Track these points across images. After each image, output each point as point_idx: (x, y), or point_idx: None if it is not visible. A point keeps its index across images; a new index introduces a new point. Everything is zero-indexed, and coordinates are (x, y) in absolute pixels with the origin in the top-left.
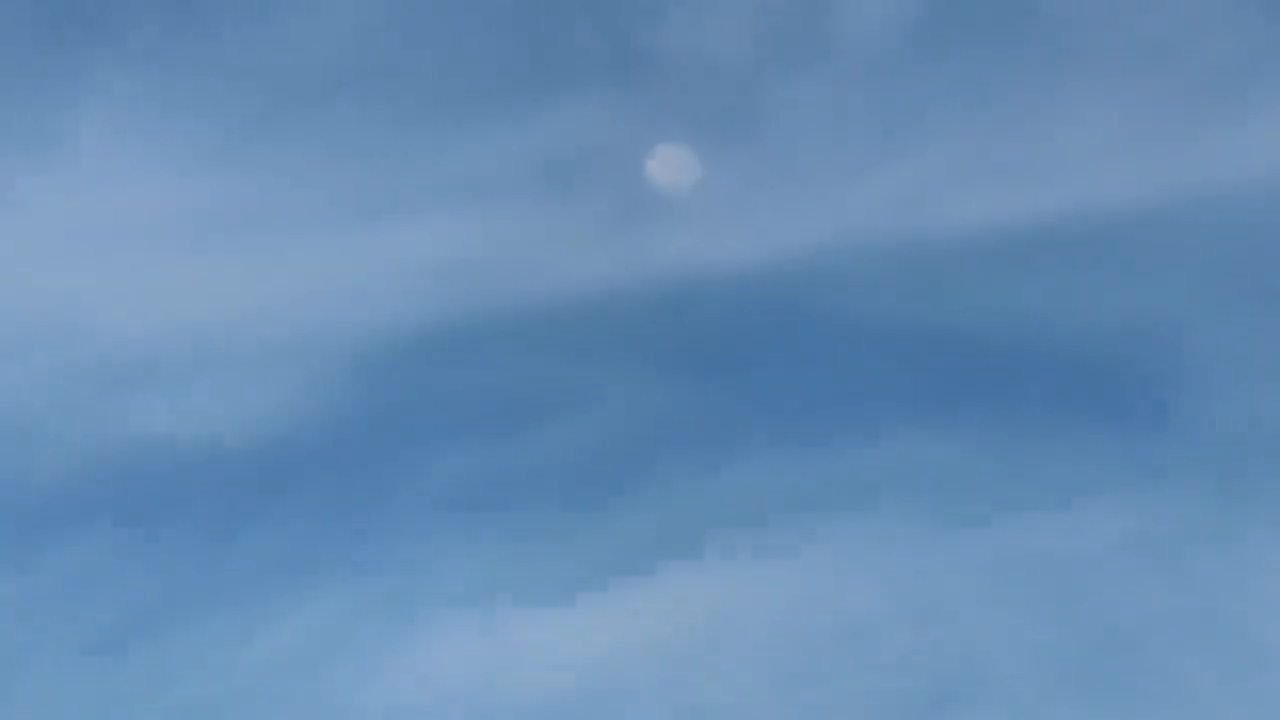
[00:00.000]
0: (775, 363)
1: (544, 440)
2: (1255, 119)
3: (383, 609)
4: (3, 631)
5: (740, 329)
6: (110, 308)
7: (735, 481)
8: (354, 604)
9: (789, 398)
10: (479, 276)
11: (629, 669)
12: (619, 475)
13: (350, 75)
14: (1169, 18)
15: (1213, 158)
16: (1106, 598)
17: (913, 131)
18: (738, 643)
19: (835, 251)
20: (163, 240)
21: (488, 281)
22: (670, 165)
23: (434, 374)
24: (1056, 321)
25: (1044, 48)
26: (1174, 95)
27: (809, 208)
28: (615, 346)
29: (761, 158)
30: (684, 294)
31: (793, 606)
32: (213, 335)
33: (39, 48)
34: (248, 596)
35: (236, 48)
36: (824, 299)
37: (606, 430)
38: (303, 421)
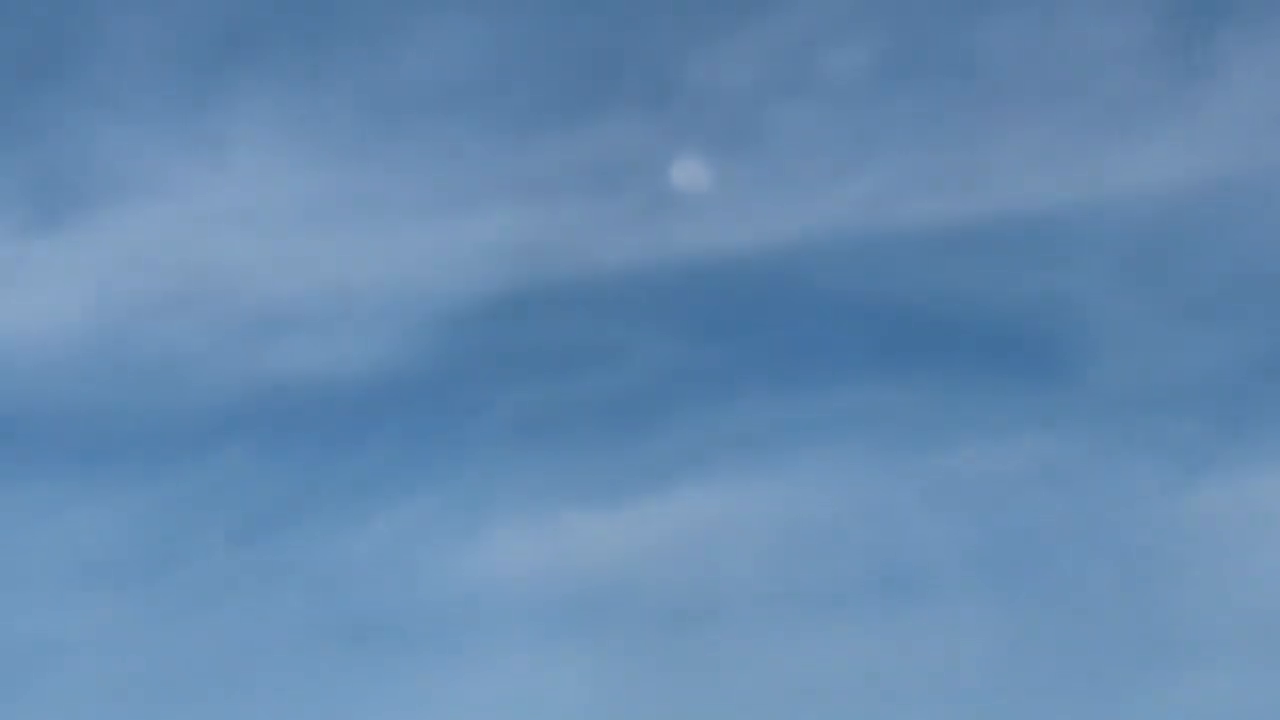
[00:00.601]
0: (768, 326)
1: (587, 382)
2: (1147, 141)
3: (464, 507)
4: (183, 519)
5: (741, 299)
6: (260, 271)
7: (736, 417)
8: (442, 503)
9: (779, 353)
10: (538, 254)
11: (659, 559)
12: (646, 411)
13: (442, 92)
14: (1080, 58)
15: (1113, 171)
16: (1018, 509)
17: (877, 148)
18: (740, 538)
19: (816, 240)
20: (300, 220)
21: (544, 258)
22: (688, 172)
23: (503, 329)
24: (987, 297)
25: (980, 82)
26: (1084, 121)
27: (796, 206)
28: (642, 311)
29: (759, 167)
30: (697, 271)
31: (780, 511)
32: (337, 294)
33: (204, 69)
34: (361, 496)
35: (358, 70)
36: (807, 277)
37: (636, 376)
38: (404, 363)
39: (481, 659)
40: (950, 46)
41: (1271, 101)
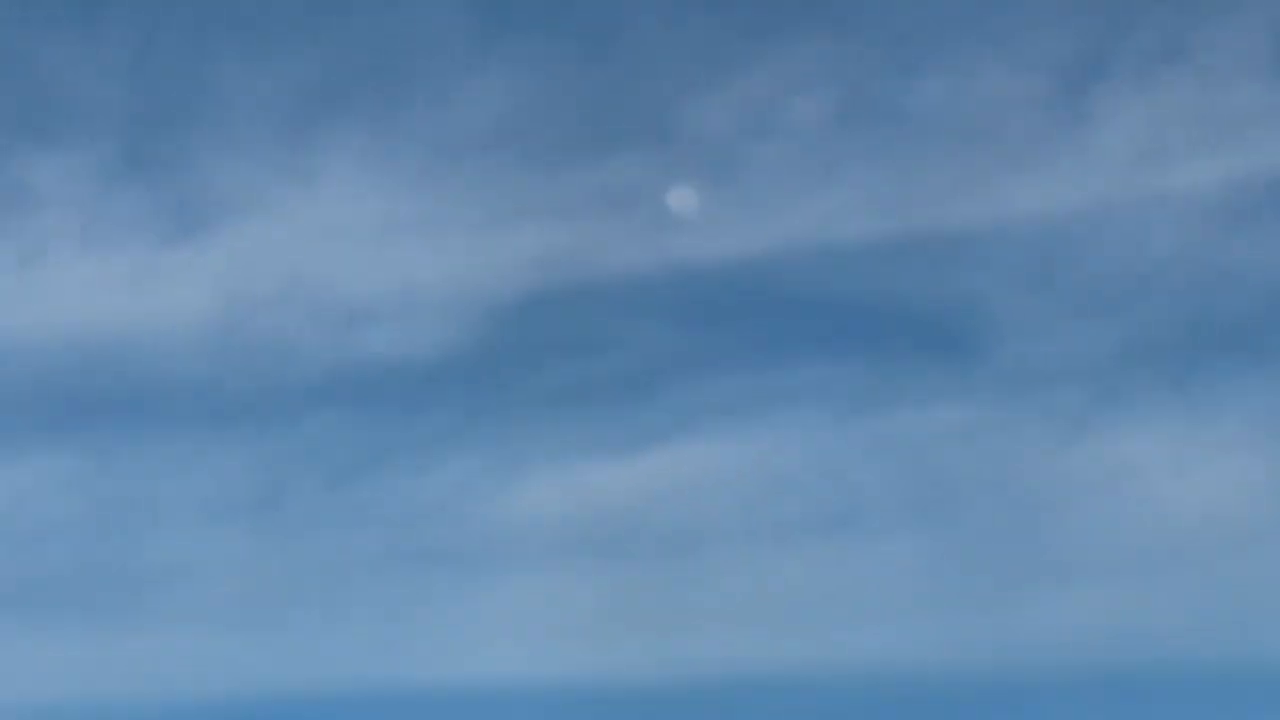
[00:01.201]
0: (744, 319)
1: (601, 363)
2: (1042, 172)
3: (505, 460)
4: (286, 468)
5: (723, 298)
6: (345, 274)
7: (718, 389)
8: (488, 456)
9: (752, 340)
10: (562, 262)
11: (658, 501)
12: (647, 384)
13: (488, 133)
14: (990, 106)
15: (1014, 197)
16: (938, 463)
17: (831, 177)
18: (721, 484)
19: (782, 251)
20: (376, 233)
21: (567, 265)
22: (681, 198)
23: (535, 320)
24: (915, 296)
25: (913, 125)
26: (993, 156)
27: (766, 224)
28: (645, 307)
29: (737, 194)
30: (688, 276)
31: (752, 463)
32: (405, 293)
33: (301, 114)
34: (425, 452)
35: (420, 115)
36: (774, 280)
37: (639, 358)
38: (457, 347)
39: (519, 578)
40: (889, 97)
41: (1138, 140)
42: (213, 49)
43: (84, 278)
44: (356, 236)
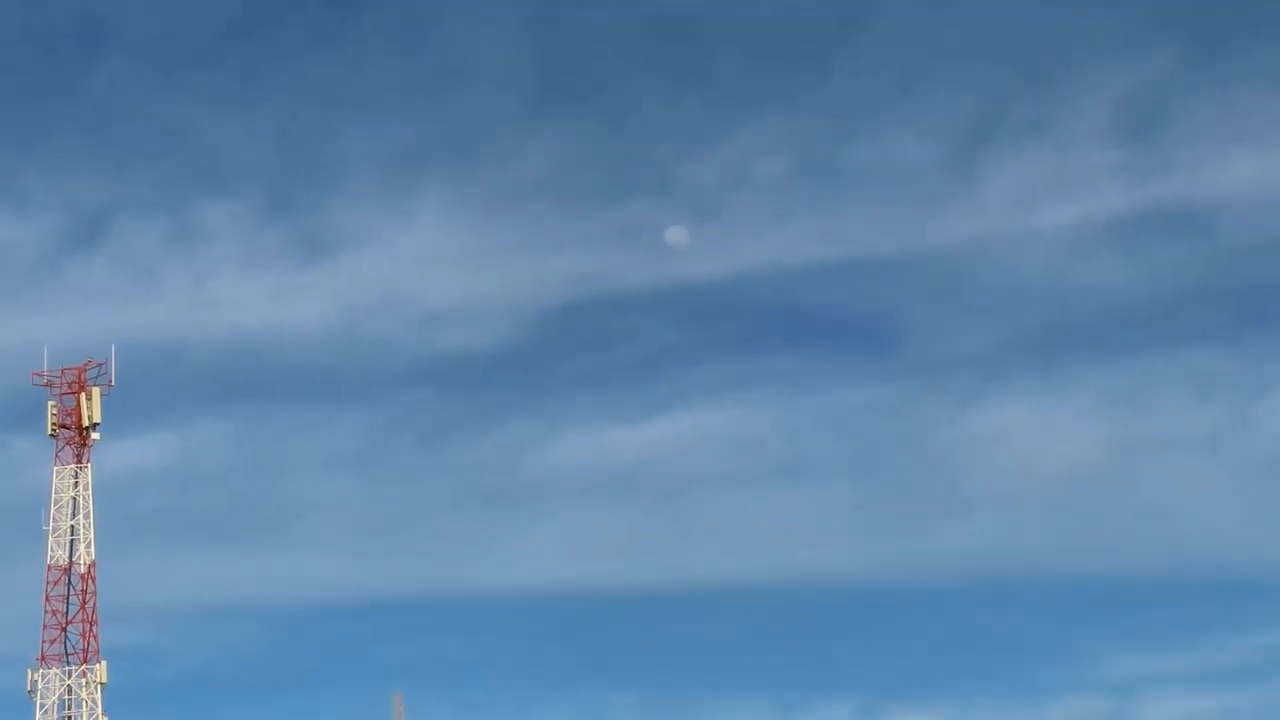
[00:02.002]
0: (722, 321)
1: (617, 355)
2: (943, 214)
3: (548, 424)
4: (388, 432)
5: (707, 307)
6: (431, 288)
7: (704, 374)
8: (535, 422)
9: (730, 337)
10: (588, 279)
11: (662, 456)
12: (652, 370)
13: (533, 183)
14: (903, 171)
15: (922, 233)
16: (864, 427)
17: (788, 219)
18: (707, 444)
19: (750, 272)
20: (453, 258)
21: (592, 282)
22: (676, 233)
23: (568, 321)
24: (849, 304)
25: (848, 180)
26: (905, 202)
27: (739, 253)
28: (650, 313)
29: (717, 230)
30: (681, 290)
31: (730, 428)
32: (475, 300)
33: (400, 171)
34: (489, 417)
35: (484, 171)
36: (744, 294)
37: (646, 350)
38: (512, 342)
39: (557, 512)
40: (829, 159)
41: (1013, 190)
42: (335, 122)
43: (241, 292)
44: (438, 261)
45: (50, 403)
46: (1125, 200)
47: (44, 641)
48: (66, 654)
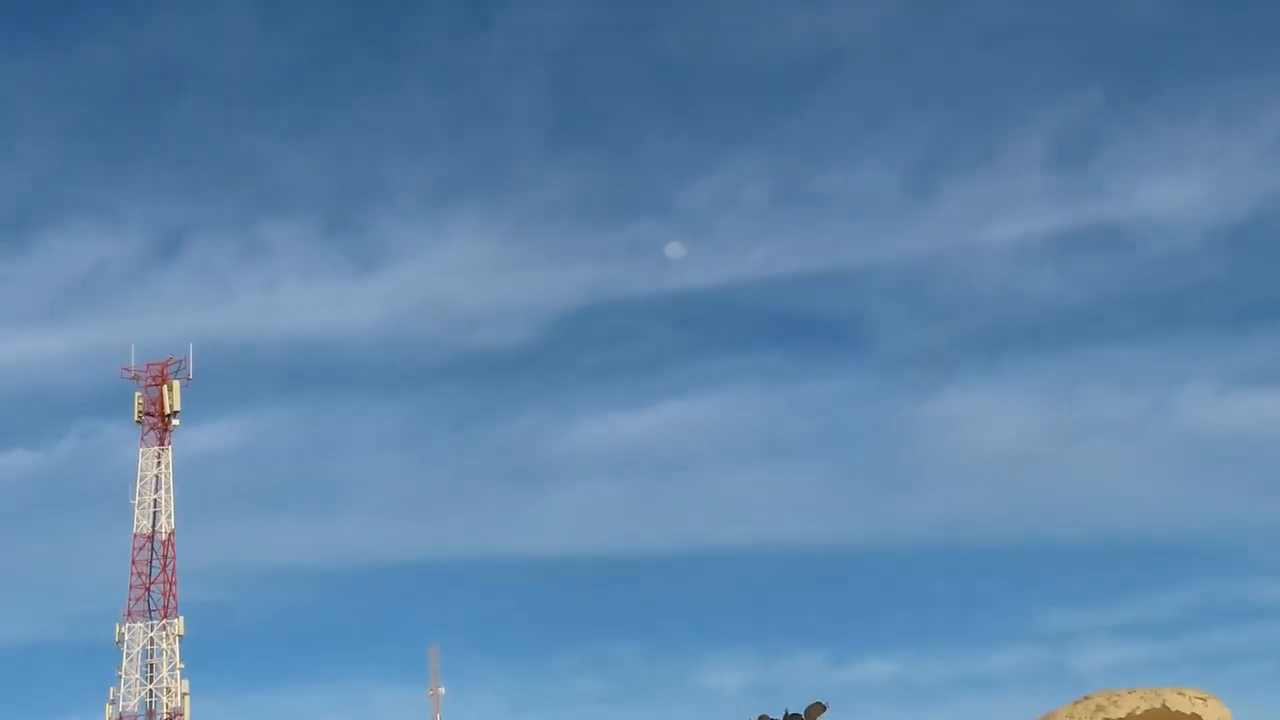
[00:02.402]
0: (713, 322)
1: (624, 350)
2: (902, 234)
3: (566, 409)
4: (426, 419)
5: (700, 310)
6: (464, 295)
7: (698, 367)
8: (554, 406)
9: (720, 336)
10: (599, 287)
11: (662, 438)
12: (653, 364)
13: (551, 205)
14: (866, 191)
15: (881, 249)
16: (838, 414)
17: (769, 236)
18: (701, 428)
19: (736, 282)
20: (482, 269)
21: (602, 289)
22: (674, 248)
23: (580, 323)
24: (826, 308)
25: (817, 203)
26: (870, 221)
27: (726, 265)
28: (650, 316)
29: (709, 245)
30: (678, 298)
31: (720, 414)
32: (501, 305)
33: (438, 196)
34: (515, 404)
35: (509, 195)
36: (732, 299)
37: (649, 347)
38: (534, 340)
39: (573, 486)
40: (805, 185)
41: (962, 211)
42: (383, 153)
43: (301, 298)
44: (470, 271)
45: (137, 393)
46: (1059, 220)
47: (130, 599)
48: (149, 610)
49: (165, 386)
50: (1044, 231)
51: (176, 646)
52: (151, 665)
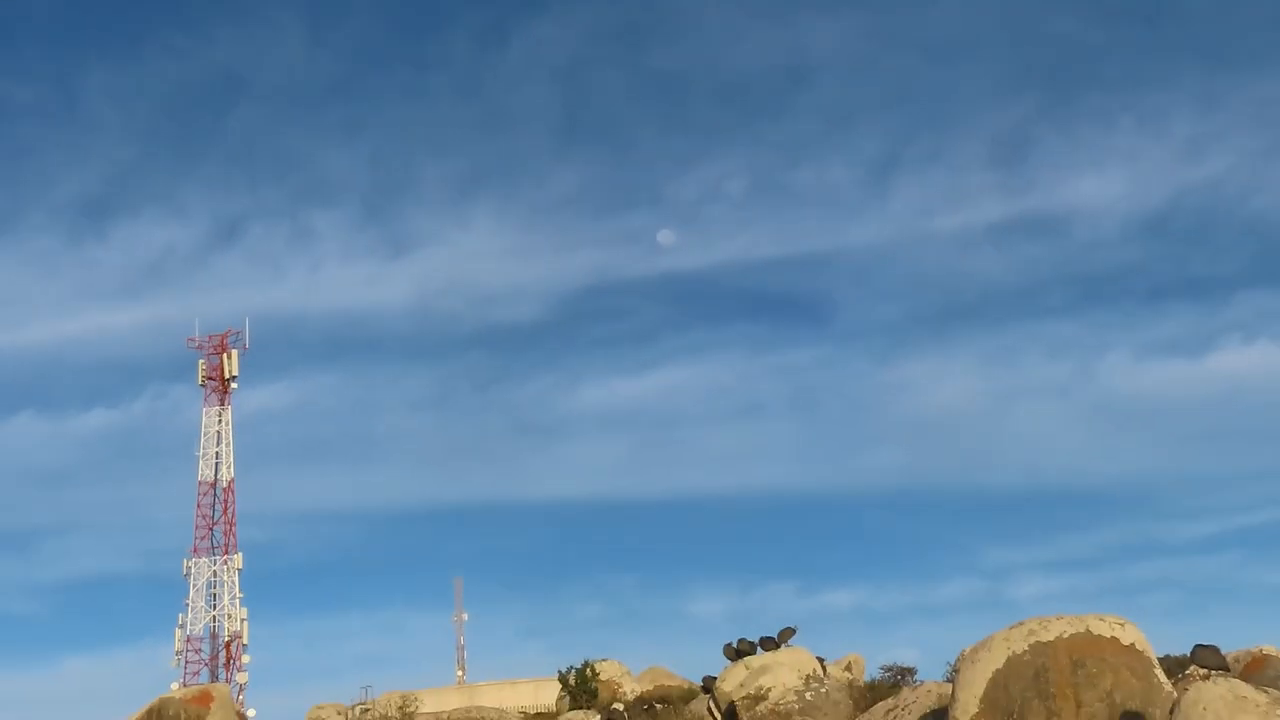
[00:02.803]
0: (701, 300)
1: (623, 325)
2: (863, 225)
3: (572, 375)
4: (456, 384)
5: (690, 291)
6: (487, 277)
7: (688, 339)
8: (563, 373)
9: (706, 312)
10: (600, 271)
11: (657, 401)
12: (648, 337)
13: (560, 198)
14: (833, 187)
15: (846, 236)
16: (806, 380)
17: (750, 224)
18: (690, 392)
19: (721, 265)
20: (499, 254)
21: (602, 274)
22: (665, 235)
23: (584, 302)
24: (797, 288)
25: (790, 193)
26: (832, 217)
27: (712, 250)
28: (645, 295)
29: (696, 233)
30: (669, 279)
31: (707, 380)
32: (516, 286)
33: (461, 190)
34: (527, 372)
35: (522, 189)
36: (717, 280)
37: (644, 322)
38: (544, 317)
39: (579, 441)
40: (779, 180)
41: (914, 204)
42: (413, 152)
43: (342, 278)
44: (489, 256)
45: (200, 361)
46: (999, 211)
47: (195, 538)
48: (212, 547)
49: (225, 355)
50: (985, 221)
51: (236, 578)
52: (214, 595)
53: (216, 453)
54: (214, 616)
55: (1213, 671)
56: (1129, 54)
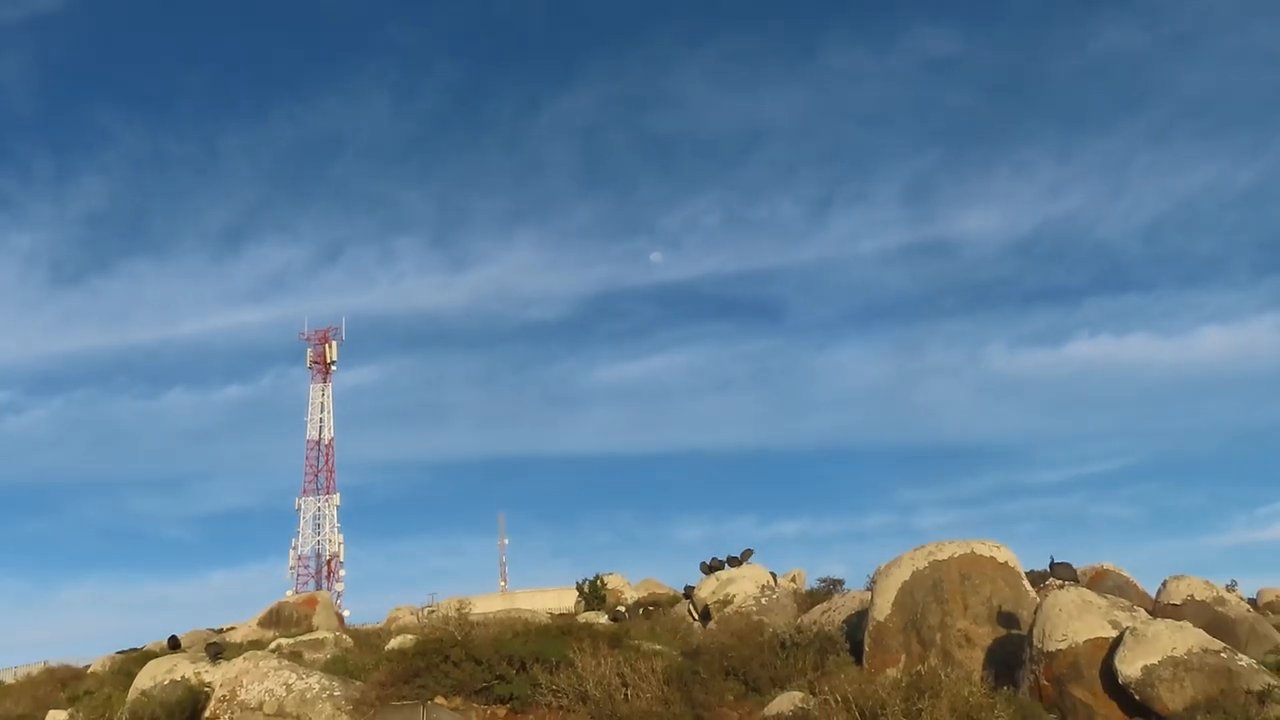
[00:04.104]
0: (686, 303)
1: (624, 322)
2: (811, 245)
3: (584, 360)
4: (502, 369)
5: (676, 296)
6: (518, 283)
7: (678, 331)
8: (576, 360)
9: (690, 312)
10: (606, 280)
11: (655, 378)
12: (646, 330)
13: (577, 226)
14: (794, 212)
15: (798, 252)
16: (767, 365)
17: (724, 245)
18: (682, 370)
19: (699, 279)
20: (532, 267)
21: (608, 282)
22: (656, 256)
23: (592, 305)
24: (757, 295)
25: (751, 227)
26: (787, 238)
27: (691, 267)
28: (642, 299)
29: (680, 253)
30: (660, 288)
31: (696, 361)
32: (544, 291)
33: (500, 218)
34: (551, 355)
35: (551, 217)
36: (697, 288)
37: (640, 321)
38: (560, 315)
39: (593, 409)
40: (742, 213)
41: (849, 227)
42: (469, 194)
43: (416, 288)
44: (527, 271)
45: (309, 349)
46: (907, 237)
47: (304, 482)
48: (317, 489)
49: (327, 345)
50: (897, 245)
51: (335, 513)
52: (319, 525)
53: (320, 419)
54: (318, 541)
55: (1066, 582)
56: (1005, 119)
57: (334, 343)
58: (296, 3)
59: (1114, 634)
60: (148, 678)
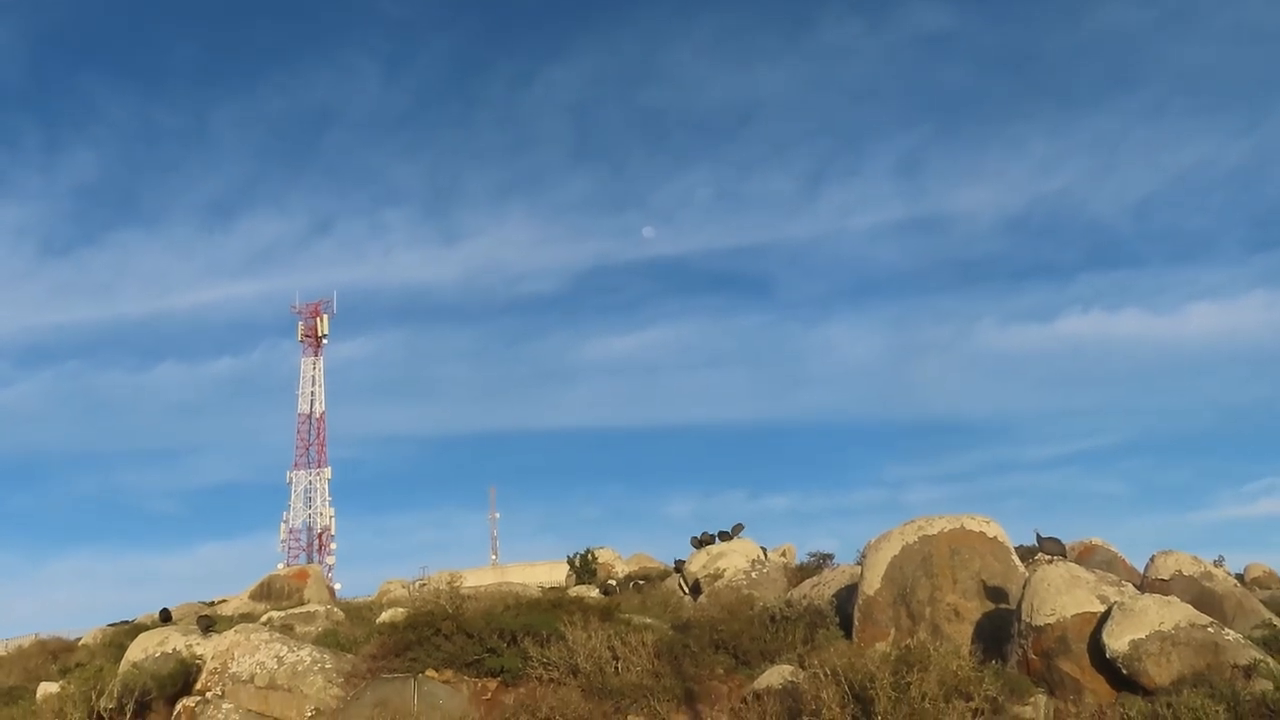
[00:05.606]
0: (677, 278)
1: (619, 297)
2: (801, 227)
3: (578, 335)
4: (494, 345)
5: (668, 271)
6: (514, 259)
7: (670, 306)
8: (571, 334)
9: (682, 286)
10: (601, 255)
11: (649, 353)
12: (639, 306)
13: (571, 203)
14: (785, 195)
15: (789, 229)
16: (755, 338)
17: (713, 222)
18: (673, 346)
19: (691, 253)
20: (526, 244)
21: (603, 257)
22: (649, 231)
23: (585, 281)
24: (749, 270)
25: (742, 204)
26: (778, 213)
27: (684, 242)
28: (635, 274)
29: (671, 228)
30: (653, 263)
31: (688, 338)
32: (540, 267)
33: (495, 195)
34: (549, 326)
35: (546, 194)
36: (688, 263)
37: (634, 295)
38: (556, 291)
39: (588, 382)
40: (736, 189)
41: (839, 204)
42: (461, 169)
43: (406, 261)
44: (519, 245)
45: (300, 323)
46: (901, 213)
47: (296, 455)
48: (308, 462)
49: (318, 318)
50: (889, 220)
51: (326, 486)
52: (310, 498)
53: (311, 392)
54: (309, 514)
55: (1054, 557)
56: (997, 96)
57: (325, 316)
58: None
59: (1102, 609)
60: (139, 650)
